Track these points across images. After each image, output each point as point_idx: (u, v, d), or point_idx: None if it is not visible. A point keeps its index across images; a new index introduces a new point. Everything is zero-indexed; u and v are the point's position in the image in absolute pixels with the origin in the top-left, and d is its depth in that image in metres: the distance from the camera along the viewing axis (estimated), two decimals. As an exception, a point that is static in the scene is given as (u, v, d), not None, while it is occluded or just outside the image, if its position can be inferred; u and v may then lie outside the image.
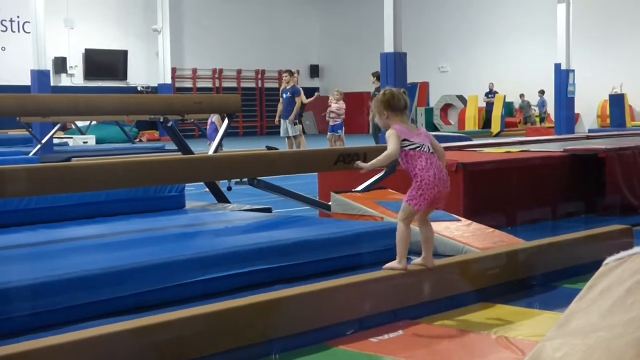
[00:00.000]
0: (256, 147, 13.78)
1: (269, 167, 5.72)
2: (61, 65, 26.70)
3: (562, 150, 8.09)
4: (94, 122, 21.72)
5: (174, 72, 28.24)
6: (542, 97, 26.16)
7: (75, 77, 27.27)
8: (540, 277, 4.63)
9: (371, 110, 14.32)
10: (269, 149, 7.18)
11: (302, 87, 15.87)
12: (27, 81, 17.20)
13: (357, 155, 5.74)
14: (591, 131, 20.81)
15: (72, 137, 21.09)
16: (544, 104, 26.35)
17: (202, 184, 7.55)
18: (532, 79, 26.54)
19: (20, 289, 3.61)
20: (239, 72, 31.83)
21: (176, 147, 7.83)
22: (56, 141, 16.57)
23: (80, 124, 21.54)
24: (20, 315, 3.56)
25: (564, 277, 4.70)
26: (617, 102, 23.11)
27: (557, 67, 19.36)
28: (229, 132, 8.27)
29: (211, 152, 7.52)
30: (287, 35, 32.89)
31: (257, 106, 32.21)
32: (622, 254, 2.39)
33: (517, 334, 3.59)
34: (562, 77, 19.25)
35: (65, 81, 26.80)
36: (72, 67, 27.14)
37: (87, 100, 7.26)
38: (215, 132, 10.04)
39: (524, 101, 26.87)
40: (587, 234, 5.26)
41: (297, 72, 15.64)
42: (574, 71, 19.35)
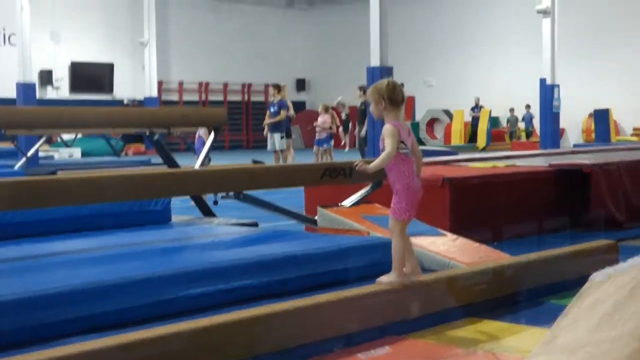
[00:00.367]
0: (242, 160, 13.77)
1: (255, 181, 5.70)
2: (47, 78, 26.62)
3: (548, 165, 8.12)
4: (80, 135, 21.60)
5: (160, 85, 28.18)
6: (529, 111, 26.24)
7: (60, 90, 27.20)
8: (526, 292, 4.63)
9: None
10: (255, 162, 7.16)
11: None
12: (12, 94, 17.14)
13: (342, 169, 5.73)
14: (576, 146, 20.88)
15: (57, 150, 20.98)
16: (530, 118, 26.44)
17: (188, 197, 7.52)
18: (518, 93, 26.66)
19: (2, 304, 3.56)
20: (225, 85, 31.85)
21: (162, 161, 7.80)
22: (42, 154, 16.48)
23: (65, 137, 21.39)
24: (2, 330, 3.51)
25: (550, 292, 4.71)
26: (602, 117, 23.23)
27: (542, 81, 19.45)
28: (215, 145, 8.25)
29: (197, 166, 7.50)
30: (273, 48, 32.94)
31: (243, 119, 32.23)
32: (608, 270, 2.39)
33: (503, 350, 3.59)
34: (547, 91, 19.33)
35: (50, 94, 26.72)
36: (57, 79, 27.06)
37: (71, 112, 7.23)
38: (202, 145, 10.03)
39: (513, 115, 26.95)
40: (573, 249, 5.26)
41: (284, 86, 15.64)
42: (558, 86, 19.45)
